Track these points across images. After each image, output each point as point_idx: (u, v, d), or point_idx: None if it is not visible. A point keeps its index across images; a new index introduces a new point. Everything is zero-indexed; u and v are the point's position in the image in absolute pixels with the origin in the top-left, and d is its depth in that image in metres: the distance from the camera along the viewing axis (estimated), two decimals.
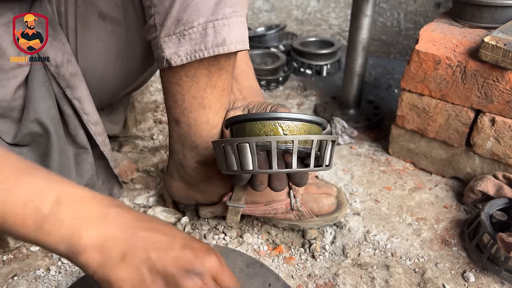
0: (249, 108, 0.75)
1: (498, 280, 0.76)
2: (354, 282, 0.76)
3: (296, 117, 0.57)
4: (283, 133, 0.57)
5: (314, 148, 0.57)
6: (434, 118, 0.97)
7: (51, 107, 0.72)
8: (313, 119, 0.58)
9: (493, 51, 0.82)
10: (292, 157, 0.56)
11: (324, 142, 0.59)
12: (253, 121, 0.57)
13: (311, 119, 0.58)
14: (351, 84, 1.24)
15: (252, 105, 0.76)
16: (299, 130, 0.58)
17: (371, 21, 1.14)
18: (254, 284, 0.70)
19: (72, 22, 0.72)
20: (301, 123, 0.58)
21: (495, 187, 0.87)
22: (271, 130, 0.56)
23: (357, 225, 0.88)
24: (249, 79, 0.84)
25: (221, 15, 0.61)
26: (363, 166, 1.07)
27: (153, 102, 1.39)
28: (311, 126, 0.59)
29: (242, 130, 0.59)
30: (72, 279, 0.77)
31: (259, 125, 0.57)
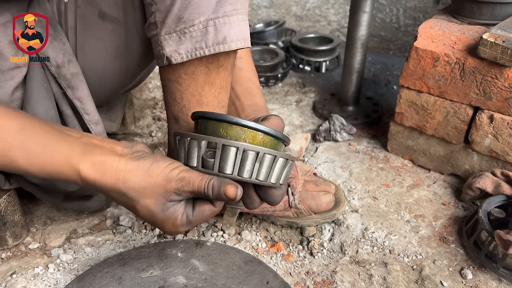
0: None
1: (495, 277, 0.76)
2: (352, 279, 0.76)
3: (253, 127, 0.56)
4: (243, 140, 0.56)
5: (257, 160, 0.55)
6: (433, 115, 0.97)
7: (50, 108, 0.72)
8: (272, 133, 0.57)
9: (492, 48, 0.81)
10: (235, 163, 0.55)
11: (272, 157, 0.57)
12: (218, 121, 0.57)
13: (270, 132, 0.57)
14: (349, 80, 1.24)
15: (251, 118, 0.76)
16: (261, 141, 0.57)
17: (369, 17, 1.14)
18: (252, 281, 0.70)
19: (72, 21, 0.71)
20: (264, 135, 0.57)
21: (493, 184, 0.87)
22: (233, 135, 0.56)
23: (355, 222, 0.88)
24: (253, 97, 0.82)
25: (222, 13, 0.61)
26: (362, 163, 1.07)
27: (152, 99, 1.39)
28: (276, 142, 0.58)
29: (206, 127, 0.59)
30: (70, 277, 0.77)
31: (224, 126, 0.56)
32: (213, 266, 0.73)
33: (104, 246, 0.83)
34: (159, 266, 0.72)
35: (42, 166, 0.54)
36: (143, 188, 0.54)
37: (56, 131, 0.56)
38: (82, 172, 0.53)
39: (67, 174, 0.54)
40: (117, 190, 0.54)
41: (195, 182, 0.54)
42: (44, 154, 0.54)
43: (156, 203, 0.55)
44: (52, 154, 0.54)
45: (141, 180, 0.54)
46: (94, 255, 0.81)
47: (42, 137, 0.55)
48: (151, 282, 0.70)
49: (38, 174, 0.55)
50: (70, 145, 0.55)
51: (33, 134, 0.54)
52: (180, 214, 0.56)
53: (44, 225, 0.89)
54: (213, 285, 0.69)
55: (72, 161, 0.54)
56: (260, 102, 0.82)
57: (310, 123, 1.26)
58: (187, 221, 0.57)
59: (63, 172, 0.54)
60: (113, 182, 0.54)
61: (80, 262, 0.80)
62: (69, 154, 0.54)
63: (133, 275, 0.71)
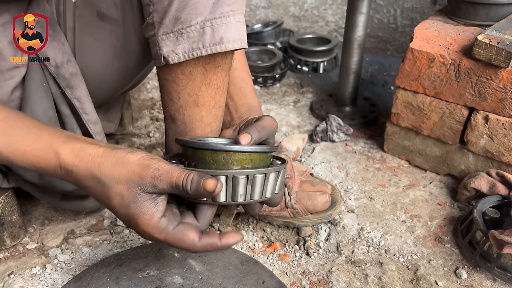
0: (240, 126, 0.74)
1: (490, 277, 0.77)
2: (347, 279, 0.77)
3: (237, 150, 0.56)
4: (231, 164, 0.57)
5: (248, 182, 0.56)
6: (429, 115, 0.97)
7: (48, 108, 0.72)
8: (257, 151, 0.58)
9: (487, 49, 0.82)
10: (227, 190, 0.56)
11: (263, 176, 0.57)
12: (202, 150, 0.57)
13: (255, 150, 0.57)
14: (347, 81, 1.24)
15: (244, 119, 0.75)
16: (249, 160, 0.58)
17: (366, 18, 1.14)
18: (248, 281, 0.71)
19: (71, 21, 0.72)
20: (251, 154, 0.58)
21: (488, 185, 0.88)
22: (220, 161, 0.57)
23: (351, 223, 0.89)
24: (246, 97, 0.82)
25: (219, 14, 0.62)
26: (358, 163, 1.07)
27: (149, 100, 1.39)
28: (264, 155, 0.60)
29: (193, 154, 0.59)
30: (68, 277, 0.77)
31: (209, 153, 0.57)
32: (210, 266, 0.73)
33: (102, 246, 0.84)
34: (156, 266, 0.73)
35: (23, 153, 0.54)
36: (117, 173, 0.53)
37: (41, 123, 0.57)
38: (62, 156, 0.53)
39: (47, 161, 0.54)
40: (92, 175, 0.53)
41: (173, 173, 0.52)
42: (26, 141, 0.54)
43: (129, 190, 0.53)
44: (34, 141, 0.54)
45: (115, 165, 0.53)
46: (92, 255, 0.82)
47: (26, 125, 0.55)
48: (148, 282, 0.70)
49: (19, 162, 0.55)
50: (54, 133, 0.56)
51: (16, 123, 0.55)
52: (156, 212, 0.53)
53: (41, 225, 0.89)
54: (209, 285, 0.70)
55: (54, 146, 0.54)
56: (253, 102, 0.82)
57: (308, 124, 1.26)
58: (164, 228, 0.54)
59: (44, 159, 0.54)
60: (89, 167, 0.53)
61: (77, 262, 0.80)
62: (51, 141, 0.54)
63: (130, 275, 0.71)
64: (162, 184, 0.53)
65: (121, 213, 0.55)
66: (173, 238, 0.54)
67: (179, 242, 0.54)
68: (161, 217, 0.54)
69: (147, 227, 0.54)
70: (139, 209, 0.53)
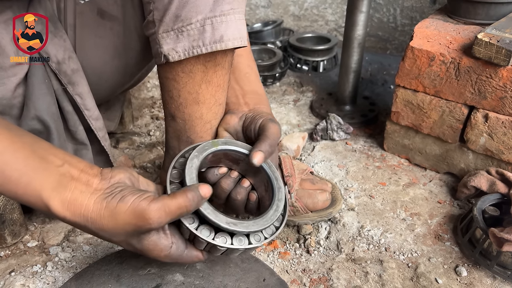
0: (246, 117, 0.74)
1: (490, 275, 0.77)
2: (348, 277, 0.77)
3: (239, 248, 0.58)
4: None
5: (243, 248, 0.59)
6: (429, 114, 0.97)
7: (51, 104, 0.72)
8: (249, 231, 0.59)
9: (487, 47, 0.82)
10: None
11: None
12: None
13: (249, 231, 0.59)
14: (346, 80, 1.24)
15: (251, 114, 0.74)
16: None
17: (366, 17, 1.14)
18: (249, 279, 0.71)
19: (71, 18, 0.72)
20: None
21: (488, 183, 0.88)
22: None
23: (352, 221, 0.89)
24: (252, 84, 0.81)
25: (219, 12, 0.62)
26: (358, 161, 1.08)
27: (150, 98, 1.39)
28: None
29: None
30: (69, 275, 0.77)
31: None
32: (210, 263, 0.73)
33: (102, 244, 0.84)
34: (157, 264, 0.73)
35: (15, 195, 0.52)
36: (112, 228, 0.52)
37: (37, 157, 0.53)
38: (52, 208, 0.52)
39: (38, 206, 0.53)
40: (87, 229, 0.54)
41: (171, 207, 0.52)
42: (18, 183, 0.51)
43: (131, 239, 0.54)
44: (25, 185, 0.51)
45: (109, 220, 0.52)
46: (92, 253, 0.82)
47: (21, 163, 0.51)
48: (148, 279, 0.70)
49: (12, 198, 0.54)
50: (45, 177, 0.52)
51: (13, 159, 0.51)
52: (165, 246, 0.56)
53: (42, 223, 0.89)
54: (210, 282, 0.70)
55: (43, 196, 0.51)
56: (260, 91, 0.80)
57: (308, 122, 1.26)
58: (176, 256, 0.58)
59: (36, 205, 0.53)
60: (83, 222, 0.52)
61: (78, 260, 0.80)
62: (41, 188, 0.51)
63: (131, 273, 0.71)
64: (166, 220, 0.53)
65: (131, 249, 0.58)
66: (185, 259, 0.59)
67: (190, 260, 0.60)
68: (171, 247, 0.57)
69: (159, 257, 0.57)
70: (146, 247, 0.55)
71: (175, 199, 0.52)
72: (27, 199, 0.52)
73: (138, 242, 0.55)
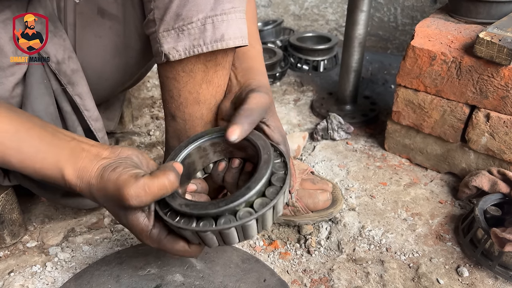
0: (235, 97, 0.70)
1: (491, 275, 0.77)
2: (349, 277, 0.77)
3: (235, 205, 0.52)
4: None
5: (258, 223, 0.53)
6: (430, 113, 0.97)
7: (49, 105, 0.72)
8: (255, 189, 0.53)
9: (488, 46, 0.82)
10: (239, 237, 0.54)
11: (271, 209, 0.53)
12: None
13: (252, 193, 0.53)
14: (347, 79, 1.24)
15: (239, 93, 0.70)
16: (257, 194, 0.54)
17: (367, 16, 1.14)
18: (249, 279, 0.71)
19: (71, 17, 0.72)
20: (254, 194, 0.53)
21: (489, 183, 0.87)
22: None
23: (352, 221, 0.88)
24: (248, 60, 0.75)
25: (220, 10, 0.61)
26: (359, 161, 1.07)
27: (150, 98, 1.39)
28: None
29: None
30: (68, 275, 0.77)
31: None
32: (211, 264, 0.73)
33: (102, 245, 0.84)
34: (157, 264, 0.72)
35: (34, 170, 0.57)
36: (103, 195, 0.55)
37: (49, 134, 0.58)
38: (66, 177, 0.55)
39: (55, 178, 0.56)
40: (91, 195, 0.56)
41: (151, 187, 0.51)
42: (36, 158, 0.56)
43: (118, 209, 0.55)
44: (43, 159, 0.56)
45: (100, 189, 0.54)
46: (92, 253, 0.82)
47: (36, 140, 0.57)
48: (148, 280, 0.70)
49: (31, 176, 0.58)
50: (59, 149, 0.57)
51: (28, 137, 0.56)
52: (145, 226, 0.55)
53: (42, 223, 0.89)
54: (210, 283, 0.70)
55: (59, 165, 0.56)
56: (256, 64, 0.75)
57: (308, 122, 1.26)
58: (155, 238, 0.56)
59: (52, 176, 0.56)
60: (87, 188, 0.55)
61: (77, 261, 0.80)
62: (57, 159, 0.56)
63: (130, 273, 0.71)
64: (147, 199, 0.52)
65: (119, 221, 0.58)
66: (165, 246, 0.57)
67: (172, 249, 0.57)
68: (151, 229, 0.56)
69: (141, 236, 0.57)
70: (130, 222, 0.56)
71: (156, 178, 0.52)
72: (44, 173, 0.56)
73: (124, 216, 0.56)
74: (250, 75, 0.72)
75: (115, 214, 0.57)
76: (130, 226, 0.57)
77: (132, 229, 0.57)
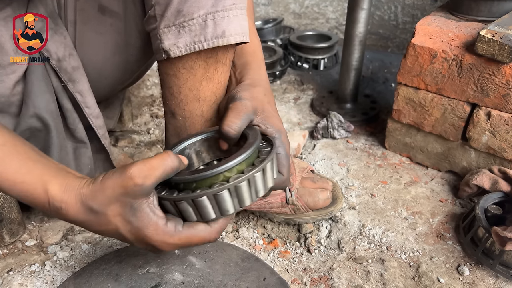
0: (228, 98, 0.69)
1: (492, 274, 0.76)
2: (349, 276, 0.76)
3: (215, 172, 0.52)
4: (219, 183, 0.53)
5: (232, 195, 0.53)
6: (430, 112, 0.97)
7: (50, 102, 0.71)
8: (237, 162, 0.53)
9: (489, 44, 0.81)
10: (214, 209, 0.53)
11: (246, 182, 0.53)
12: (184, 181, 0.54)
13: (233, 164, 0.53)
14: (347, 78, 1.24)
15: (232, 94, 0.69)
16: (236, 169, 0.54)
17: (367, 14, 1.13)
18: (249, 278, 0.70)
19: (72, 15, 0.71)
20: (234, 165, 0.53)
21: (490, 181, 0.87)
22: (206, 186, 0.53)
23: (353, 219, 0.88)
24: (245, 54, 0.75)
25: (221, 7, 0.61)
26: (359, 160, 1.07)
27: (149, 97, 1.38)
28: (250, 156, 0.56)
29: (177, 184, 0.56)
30: (67, 274, 0.77)
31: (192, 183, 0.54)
32: (210, 263, 0.73)
33: (101, 243, 0.83)
34: (156, 263, 0.72)
35: (13, 184, 0.52)
36: (102, 197, 0.51)
37: (36, 154, 0.55)
38: (50, 193, 0.52)
39: (36, 196, 0.53)
40: (83, 207, 0.52)
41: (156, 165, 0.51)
42: (18, 172, 0.52)
43: (123, 206, 0.51)
44: (25, 174, 0.53)
45: (99, 191, 0.51)
46: (91, 252, 0.81)
47: (22, 155, 0.54)
48: (148, 279, 0.70)
49: (8, 192, 0.54)
50: (45, 167, 0.54)
51: (13, 151, 0.53)
52: (159, 218, 0.52)
53: (40, 222, 0.88)
54: (209, 281, 0.69)
55: (44, 178, 0.52)
56: (251, 58, 0.74)
57: (308, 121, 1.25)
58: (174, 230, 0.53)
59: (33, 194, 0.53)
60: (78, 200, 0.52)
61: (77, 259, 0.80)
62: (42, 173, 0.53)
63: (130, 272, 0.71)
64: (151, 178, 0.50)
65: (128, 235, 0.53)
66: (186, 235, 0.53)
67: (194, 237, 0.54)
68: (166, 222, 0.53)
69: (157, 235, 0.52)
70: (141, 222, 0.52)
71: (157, 156, 0.52)
72: (25, 188, 0.52)
73: (133, 215, 0.51)
74: (244, 71, 0.72)
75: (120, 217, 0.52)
76: (142, 227, 0.52)
77: (145, 230, 0.52)
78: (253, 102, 0.63)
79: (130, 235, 0.53)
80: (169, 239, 0.53)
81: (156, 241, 0.53)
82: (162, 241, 0.53)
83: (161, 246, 0.53)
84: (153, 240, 0.53)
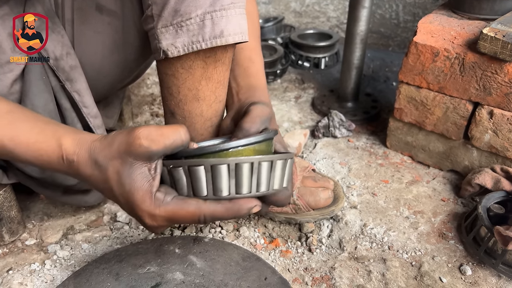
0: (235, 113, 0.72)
1: (495, 273, 0.76)
2: (350, 276, 0.76)
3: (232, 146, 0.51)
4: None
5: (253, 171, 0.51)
6: (432, 110, 0.96)
7: (48, 101, 0.71)
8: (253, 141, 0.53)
9: (492, 42, 0.81)
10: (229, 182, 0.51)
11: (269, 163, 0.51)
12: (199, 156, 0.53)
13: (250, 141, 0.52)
14: (349, 77, 1.23)
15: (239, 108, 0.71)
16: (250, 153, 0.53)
17: (369, 12, 1.13)
18: (250, 277, 0.70)
19: (69, 13, 0.71)
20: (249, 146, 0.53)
21: (492, 180, 0.86)
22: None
23: (354, 219, 0.88)
24: (250, 77, 0.77)
25: (219, 6, 0.60)
26: (361, 159, 1.06)
27: (149, 95, 1.38)
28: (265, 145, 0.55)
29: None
30: (67, 273, 0.76)
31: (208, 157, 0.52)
32: (211, 262, 0.72)
33: (101, 242, 0.83)
34: (156, 262, 0.72)
35: (26, 146, 0.54)
36: (109, 151, 0.52)
37: (45, 118, 0.58)
38: (64, 146, 0.54)
39: (50, 153, 0.54)
40: (90, 159, 0.53)
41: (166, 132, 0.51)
42: (30, 134, 0.55)
43: (123, 164, 0.51)
44: (38, 133, 0.55)
45: (108, 144, 0.53)
46: (91, 251, 0.81)
47: (31, 119, 0.57)
48: (148, 278, 0.69)
49: (22, 155, 0.55)
50: (57, 126, 0.57)
51: (22, 116, 0.56)
52: (150, 186, 0.51)
53: (40, 221, 0.88)
54: (210, 281, 0.69)
55: (57, 136, 0.54)
56: (256, 82, 0.76)
57: (309, 119, 1.25)
58: (162, 201, 0.51)
59: (47, 151, 0.54)
60: (87, 152, 0.53)
61: (77, 258, 0.79)
62: (54, 132, 0.55)
63: (130, 271, 0.70)
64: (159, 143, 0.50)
65: (120, 197, 0.53)
66: (173, 208, 0.52)
67: (181, 210, 0.51)
68: (156, 191, 0.51)
69: (144, 203, 0.51)
70: (133, 184, 0.51)
71: (170, 126, 0.52)
72: (38, 146, 0.54)
73: (128, 175, 0.50)
74: (250, 93, 0.74)
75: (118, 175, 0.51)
76: (132, 191, 0.51)
77: (134, 194, 0.51)
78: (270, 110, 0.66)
79: (122, 198, 0.53)
80: (155, 210, 0.51)
81: (142, 210, 0.52)
82: (148, 212, 0.51)
83: (145, 218, 0.52)
84: (139, 209, 0.52)
